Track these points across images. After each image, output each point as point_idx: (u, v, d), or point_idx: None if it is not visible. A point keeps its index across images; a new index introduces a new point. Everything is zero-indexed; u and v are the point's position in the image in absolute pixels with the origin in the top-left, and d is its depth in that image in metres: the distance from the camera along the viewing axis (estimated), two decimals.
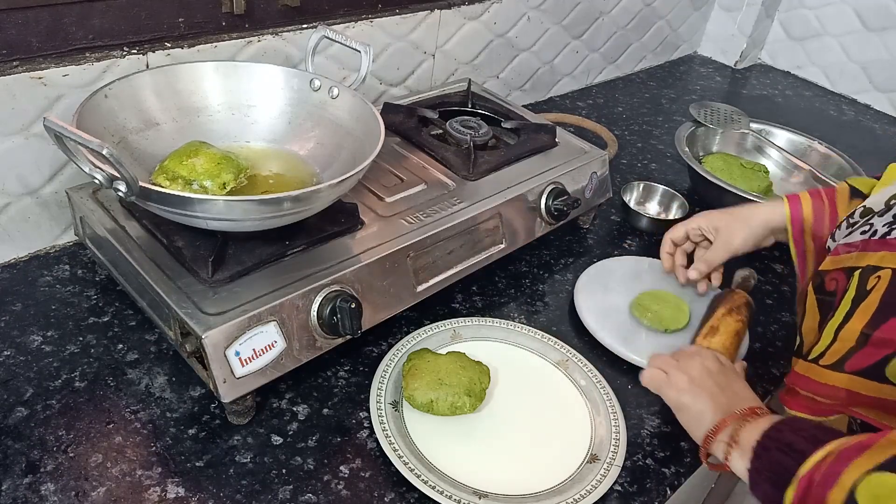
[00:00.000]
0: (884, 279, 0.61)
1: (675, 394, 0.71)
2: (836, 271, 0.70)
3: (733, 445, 0.62)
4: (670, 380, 0.71)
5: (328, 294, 0.72)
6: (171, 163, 0.74)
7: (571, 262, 1.02)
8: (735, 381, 0.71)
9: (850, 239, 0.70)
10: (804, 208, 0.84)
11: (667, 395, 0.72)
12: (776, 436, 0.60)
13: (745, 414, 0.64)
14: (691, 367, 0.72)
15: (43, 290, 0.83)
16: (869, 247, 0.66)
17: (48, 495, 0.63)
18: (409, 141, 0.99)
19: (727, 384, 0.70)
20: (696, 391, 0.69)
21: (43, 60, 0.80)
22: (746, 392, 0.70)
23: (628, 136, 1.40)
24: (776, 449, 0.59)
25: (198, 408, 0.73)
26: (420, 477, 0.67)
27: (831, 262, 0.72)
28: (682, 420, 0.70)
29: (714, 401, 0.68)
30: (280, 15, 0.98)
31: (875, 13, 1.64)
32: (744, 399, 0.68)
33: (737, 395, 0.68)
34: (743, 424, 0.63)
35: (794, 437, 0.58)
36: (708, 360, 0.73)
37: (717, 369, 0.71)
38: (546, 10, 1.35)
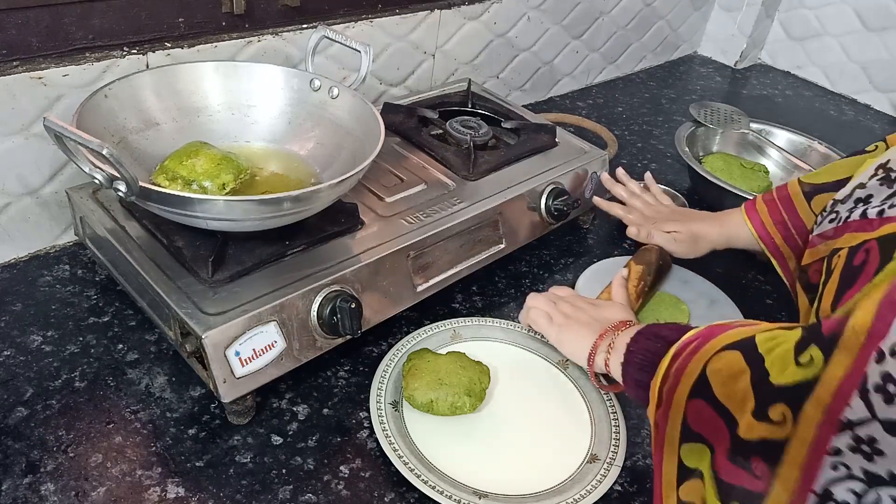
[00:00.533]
0: (842, 257, 0.62)
1: (554, 331, 0.77)
2: (815, 263, 0.71)
3: (610, 353, 0.69)
4: (550, 319, 0.78)
5: (328, 294, 0.72)
6: (171, 163, 0.74)
7: (571, 262, 1.02)
8: (607, 309, 0.77)
9: (822, 230, 0.71)
10: (763, 217, 0.91)
11: (548, 334, 0.78)
12: (646, 330, 0.66)
13: (618, 326, 0.71)
14: (565, 307, 0.79)
15: (43, 290, 0.83)
16: (836, 233, 0.68)
17: (48, 495, 0.63)
18: (409, 141, 0.99)
19: (601, 314, 0.76)
20: (572, 323, 0.76)
21: (43, 60, 0.80)
22: (620, 313, 0.76)
23: (628, 136, 1.40)
24: (645, 338, 0.65)
25: (198, 408, 0.73)
26: (420, 477, 0.67)
27: (809, 254, 0.73)
28: (566, 353, 0.76)
29: (590, 327, 0.74)
30: (280, 15, 0.98)
31: (875, 13, 1.64)
32: (614, 316, 0.75)
33: (611, 318, 0.74)
34: (617, 334, 0.70)
35: (662, 329, 0.64)
36: (579, 301, 0.80)
37: (589, 304, 0.79)
38: (546, 10, 1.35)
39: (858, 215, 0.63)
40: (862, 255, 0.59)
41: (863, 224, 0.62)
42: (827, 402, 0.44)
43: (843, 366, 0.44)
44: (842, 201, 0.70)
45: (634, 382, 0.64)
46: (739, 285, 1.01)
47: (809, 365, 0.46)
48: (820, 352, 0.46)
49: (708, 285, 0.98)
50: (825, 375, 0.44)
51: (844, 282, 0.60)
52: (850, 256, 0.61)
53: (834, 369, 0.44)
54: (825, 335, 0.46)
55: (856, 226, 0.63)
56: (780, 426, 0.46)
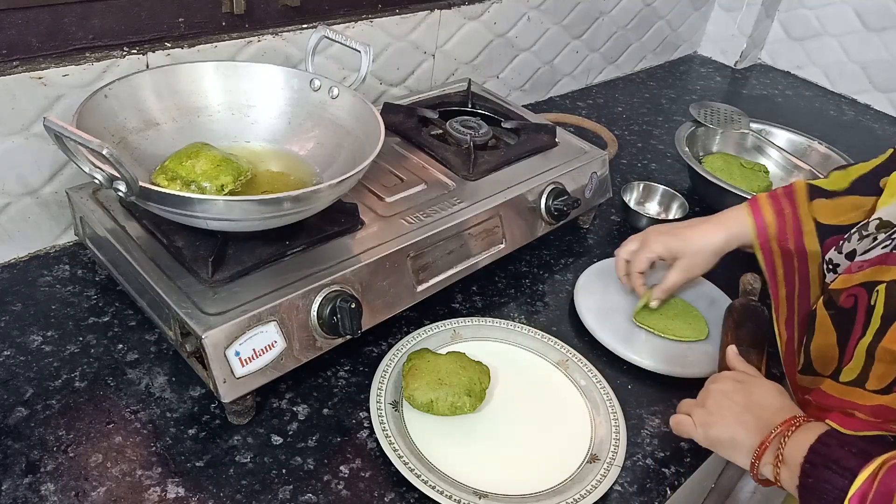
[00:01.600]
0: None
1: (701, 433, 0.68)
2: (854, 287, 0.67)
3: (779, 466, 0.60)
4: (694, 420, 0.69)
5: (328, 294, 0.72)
6: (171, 163, 0.74)
7: (571, 262, 1.02)
8: (757, 393, 0.67)
9: (868, 256, 0.67)
10: (766, 219, 0.84)
11: (697, 437, 0.68)
12: (823, 451, 0.57)
13: (784, 428, 0.61)
14: (709, 397, 0.69)
15: (43, 290, 0.83)
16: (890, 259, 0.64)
17: (48, 495, 0.63)
18: (409, 141, 0.99)
19: (749, 399, 0.66)
20: (719, 421, 0.66)
21: (43, 60, 0.80)
22: (773, 400, 0.66)
23: (628, 136, 1.40)
24: (823, 466, 0.56)
25: (198, 408, 0.73)
26: (420, 477, 0.67)
27: (845, 280, 0.69)
28: (722, 454, 0.67)
29: (741, 422, 0.65)
30: (280, 15, 0.98)
31: (875, 13, 1.64)
32: (773, 410, 0.64)
33: (764, 408, 0.65)
34: (784, 441, 0.60)
35: (842, 453, 0.56)
36: (721, 383, 0.69)
37: (733, 388, 0.68)
38: (546, 10, 1.35)
39: None
40: None
41: None
42: None
43: None
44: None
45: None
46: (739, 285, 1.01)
47: None
48: None
49: (708, 285, 0.98)
50: None
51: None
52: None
53: None
54: None
55: None
56: None
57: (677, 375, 0.84)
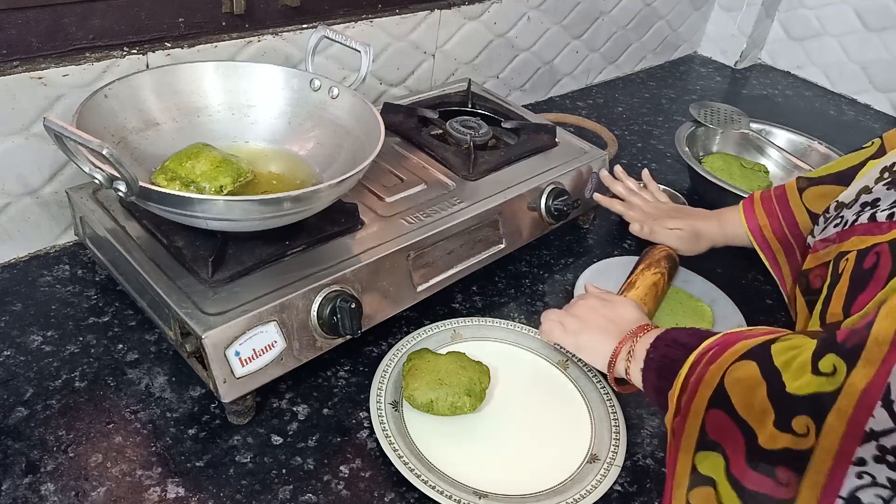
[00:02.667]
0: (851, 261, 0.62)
1: (571, 339, 0.76)
2: (818, 267, 0.71)
3: (631, 360, 0.68)
4: (564, 327, 0.77)
5: (328, 294, 0.72)
6: (171, 163, 0.74)
7: (571, 262, 1.02)
8: (621, 308, 0.76)
9: (826, 234, 0.71)
10: (760, 220, 0.91)
11: (565, 343, 0.77)
12: (665, 336, 0.66)
13: (637, 331, 0.70)
14: (577, 310, 0.77)
15: (43, 290, 0.83)
16: (842, 237, 0.68)
17: (48, 495, 0.63)
18: (409, 141, 0.99)
19: (614, 313, 0.75)
20: (588, 328, 0.75)
21: (43, 60, 0.80)
22: (634, 314, 0.75)
23: (628, 136, 1.40)
24: (665, 345, 0.65)
25: (198, 408, 0.73)
26: (420, 477, 0.67)
27: (812, 259, 0.73)
28: (586, 358, 0.75)
29: (605, 331, 0.73)
30: (280, 15, 0.98)
31: (875, 13, 1.64)
32: (634, 320, 0.73)
33: (625, 319, 0.73)
34: (636, 340, 0.69)
35: (682, 335, 0.64)
36: (590, 300, 0.78)
37: (600, 303, 0.77)
38: (546, 10, 1.35)
39: (866, 219, 0.63)
40: (872, 259, 0.58)
41: (871, 227, 0.62)
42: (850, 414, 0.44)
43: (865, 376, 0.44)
44: (847, 206, 0.70)
45: (654, 388, 0.65)
46: (739, 285, 1.01)
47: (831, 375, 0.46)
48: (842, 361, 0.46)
49: (708, 285, 0.98)
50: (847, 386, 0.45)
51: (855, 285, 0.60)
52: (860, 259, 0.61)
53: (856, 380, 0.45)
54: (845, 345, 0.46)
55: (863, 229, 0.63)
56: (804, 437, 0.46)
57: None
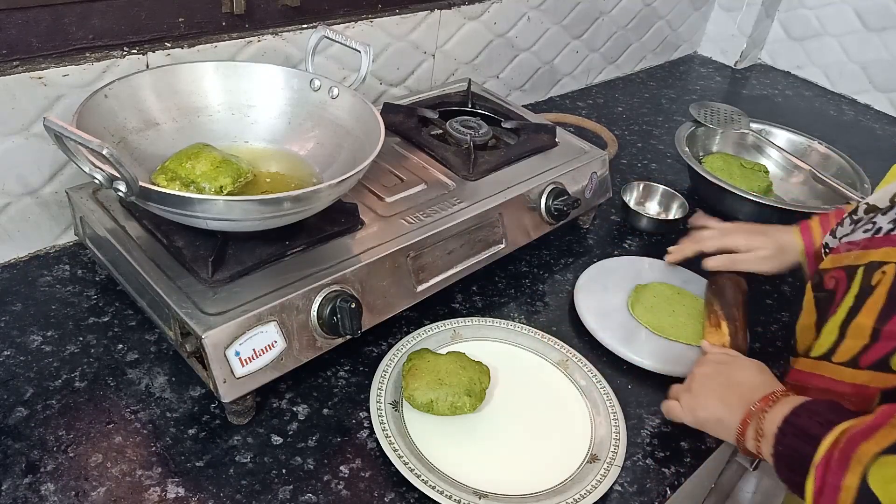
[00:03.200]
0: (889, 274, 0.61)
1: (689, 416, 0.71)
2: (836, 269, 0.70)
3: (760, 440, 0.63)
4: (682, 404, 0.72)
5: (328, 294, 0.72)
6: (171, 163, 0.75)
7: (571, 262, 1.02)
8: (737, 373, 0.70)
9: (854, 237, 0.70)
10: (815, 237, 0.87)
11: (686, 420, 0.72)
12: (793, 420, 0.60)
13: (762, 406, 0.64)
14: (692, 381, 0.72)
15: (43, 290, 0.83)
16: (872, 244, 0.66)
17: (48, 495, 0.63)
18: (409, 141, 0.99)
19: (730, 380, 0.70)
20: (704, 403, 0.70)
21: (43, 60, 0.80)
22: (754, 377, 0.69)
23: (628, 136, 1.40)
24: (792, 435, 0.59)
25: (198, 408, 0.73)
26: (420, 477, 0.67)
27: (832, 260, 0.72)
28: (711, 433, 0.70)
29: (724, 402, 0.68)
30: (280, 15, 0.98)
31: (875, 13, 1.64)
32: (753, 387, 0.68)
33: (744, 386, 0.68)
34: (763, 416, 0.63)
35: (809, 422, 0.59)
36: (704, 367, 0.73)
37: (715, 370, 0.72)
38: (546, 10, 1.35)
39: None
40: None
41: None
42: None
43: None
44: (882, 212, 0.68)
45: (790, 482, 0.60)
46: None
47: None
48: None
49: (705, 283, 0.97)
50: None
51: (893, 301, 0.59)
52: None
53: None
54: None
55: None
56: None
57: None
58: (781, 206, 1.08)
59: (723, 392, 0.69)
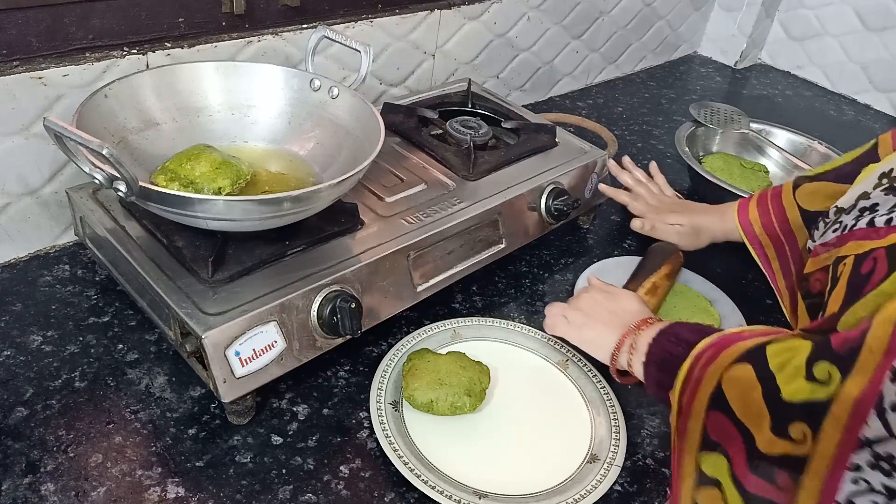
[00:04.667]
0: (848, 265, 0.63)
1: (574, 332, 0.77)
2: (818, 272, 0.72)
3: (633, 353, 0.69)
4: (568, 321, 0.78)
5: (328, 294, 0.72)
6: (172, 164, 0.75)
7: (571, 262, 1.02)
8: (624, 300, 0.77)
9: (825, 239, 0.72)
10: (751, 215, 0.94)
11: (570, 336, 0.78)
12: (668, 330, 0.67)
13: (639, 325, 0.71)
14: (581, 303, 0.79)
15: (43, 290, 0.83)
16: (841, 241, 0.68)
17: (48, 495, 0.63)
18: (409, 141, 0.99)
19: (618, 306, 0.76)
20: (592, 322, 0.76)
21: (43, 60, 0.80)
22: (637, 306, 0.76)
23: (628, 136, 1.40)
24: (666, 340, 0.66)
25: (198, 408, 0.73)
26: (420, 477, 0.67)
27: (812, 263, 0.73)
28: (590, 351, 0.76)
29: (609, 324, 0.74)
30: (280, 15, 0.98)
31: (875, 13, 1.64)
32: (637, 313, 0.74)
33: (630, 312, 0.74)
34: (639, 333, 0.70)
35: (683, 330, 0.65)
36: (594, 293, 0.79)
37: (603, 296, 0.78)
38: (546, 10, 1.35)
39: (865, 224, 0.63)
40: (870, 264, 0.59)
41: (869, 232, 0.62)
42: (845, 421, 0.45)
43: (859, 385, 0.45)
44: (846, 211, 0.70)
45: (655, 382, 0.65)
46: (739, 285, 1.01)
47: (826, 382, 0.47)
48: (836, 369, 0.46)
49: (708, 285, 0.98)
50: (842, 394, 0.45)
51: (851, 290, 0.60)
52: (857, 264, 0.61)
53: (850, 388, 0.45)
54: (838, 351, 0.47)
55: (861, 234, 0.63)
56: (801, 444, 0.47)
57: None
58: None
59: (608, 315, 0.75)
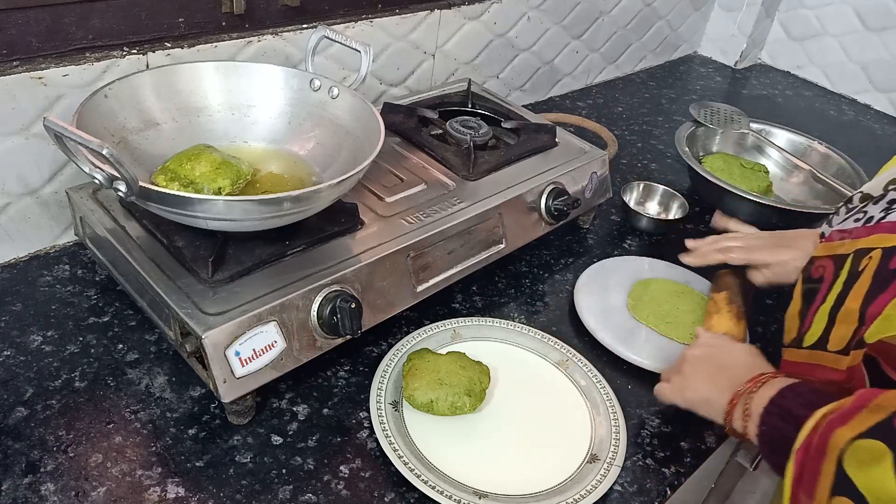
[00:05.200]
0: (875, 258, 0.61)
1: (679, 396, 0.72)
2: (824, 258, 0.70)
3: (747, 419, 0.63)
4: (672, 386, 0.73)
5: (328, 294, 0.72)
6: (172, 164, 0.75)
7: (571, 262, 1.02)
8: (728, 355, 0.72)
9: (844, 226, 0.70)
10: None
11: (676, 401, 0.73)
12: (778, 401, 0.61)
13: (750, 386, 0.65)
14: (683, 364, 0.74)
15: (43, 290, 0.83)
16: (862, 233, 0.66)
17: (48, 495, 0.63)
18: (409, 141, 0.99)
19: (721, 362, 0.71)
20: (694, 384, 0.71)
21: (43, 60, 0.80)
22: (745, 360, 0.70)
23: (628, 136, 1.40)
24: (776, 415, 0.60)
25: (198, 408, 0.73)
26: (420, 477, 0.67)
27: (823, 248, 0.72)
28: (701, 413, 0.71)
29: (713, 383, 0.69)
30: (280, 15, 0.98)
31: (875, 13, 1.64)
32: (743, 369, 0.68)
33: (735, 369, 0.69)
34: (751, 397, 0.64)
35: (792, 403, 0.60)
36: (695, 349, 0.74)
37: (705, 353, 0.73)
38: (546, 10, 1.35)
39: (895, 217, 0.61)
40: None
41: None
42: None
43: None
44: (873, 200, 0.68)
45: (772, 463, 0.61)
46: None
47: None
48: None
49: (707, 285, 0.98)
50: None
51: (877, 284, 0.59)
52: (886, 258, 0.59)
53: None
54: None
55: (890, 227, 0.62)
56: None
57: None
58: (781, 206, 1.08)
59: (713, 373, 0.70)
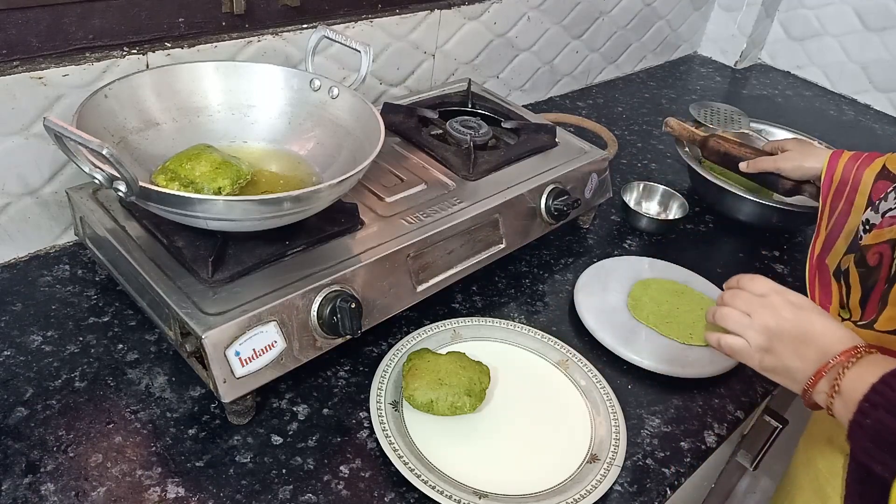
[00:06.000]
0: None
1: (756, 360, 0.64)
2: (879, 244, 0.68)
3: (834, 396, 0.58)
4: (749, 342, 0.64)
5: (328, 294, 0.72)
6: (172, 164, 0.75)
7: (571, 262, 1.02)
8: (817, 321, 0.62)
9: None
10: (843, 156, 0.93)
11: (749, 362, 0.65)
12: (886, 392, 0.54)
13: (842, 360, 0.58)
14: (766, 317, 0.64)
15: (43, 290, 0.83)
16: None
17: (48, 495, 0.63)
18: (409, 141, 0.99)
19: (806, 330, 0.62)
20: (777, 350, 0.63)
21: (43, 60, 0.80)
22: (833, 330, 0.61)
23: (628, 136, 1.40)
24: (884, 409, 0.53)
25: (198, 408, 0.73)
26: (420, 477, 0.67)
27: (875, 235, 0.70)
28: (775, 380, 0.65)
29: (799, 355, 0.61)
30: (280, 15, 0.98)
31: (875, 13, 1.64)
32: (833, 340, 0.60)
33: (826, 337, 0.61)
34: (843, 372, 0.58)
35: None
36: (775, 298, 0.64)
37: (792, 314, 0.63)
38: (546, 10, 1.35)
39: None
40: None
41: None
42: None
43: None
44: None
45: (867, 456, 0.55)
46: None
47: None
48: None
49: (708, 285, 0.98)
50: None
51: None
52: None
53: None
54: None
55: None
56: None
57: (677, 375, 0.84)
58: (781, 206, 1.08)
59: (797, 343, 0.62)
